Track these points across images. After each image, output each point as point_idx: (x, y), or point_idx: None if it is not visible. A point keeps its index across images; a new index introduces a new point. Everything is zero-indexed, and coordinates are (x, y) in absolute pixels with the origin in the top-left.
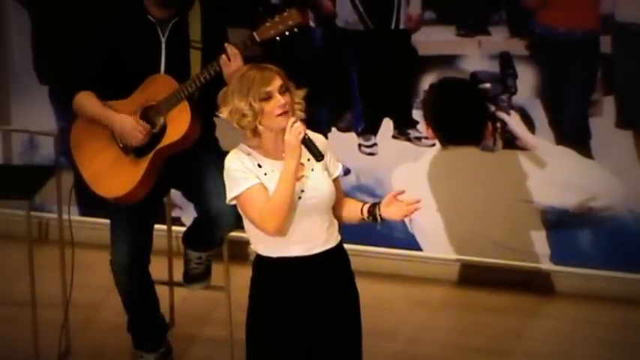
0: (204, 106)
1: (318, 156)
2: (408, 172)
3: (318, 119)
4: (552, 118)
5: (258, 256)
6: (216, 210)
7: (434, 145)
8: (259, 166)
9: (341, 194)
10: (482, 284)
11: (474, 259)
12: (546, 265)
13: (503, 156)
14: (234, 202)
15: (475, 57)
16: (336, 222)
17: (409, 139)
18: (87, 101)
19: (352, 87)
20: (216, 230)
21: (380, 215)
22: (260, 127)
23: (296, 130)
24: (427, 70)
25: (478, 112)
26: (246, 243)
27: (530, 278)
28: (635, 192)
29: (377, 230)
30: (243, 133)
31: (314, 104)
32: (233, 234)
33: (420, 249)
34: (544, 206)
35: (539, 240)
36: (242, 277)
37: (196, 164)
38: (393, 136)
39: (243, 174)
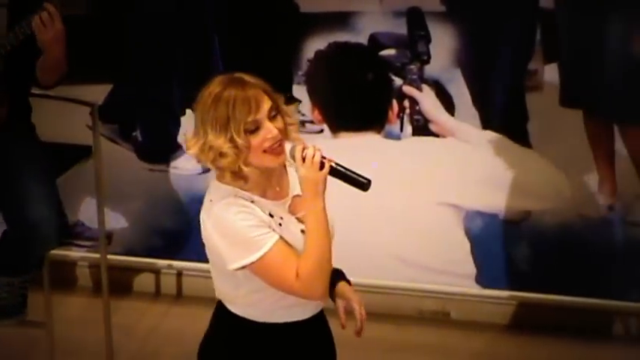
0: (12, 82)
1: (366, 184)
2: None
3: (170, 102)
4: (477, 94)
5: (237, 317)
6: (32, 220)
7: (322, 131)
8: (271, 215)
9: None
10: (398, 319)
11: (379, 283)
12: (474, 289)
13: (413, 145)
14: (242, 267)
15: (375, 14)
16: None
17: None
18: None
19: (214, 57)
20: (32, 248)
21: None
22: (245, 169)
23: (316, 160)
24: (312, 33)
25: (379, 87)
26: (72, 264)
27: (451, 305)
28: (585, 190)
29: None
30: (219, 173)
31: (163, 82)
32: (56, 252)
33: None
34: (467, 211)
35: (463, 256)
36: (68, 308)
37: (4, 160)
38: None
39: (261, 229)
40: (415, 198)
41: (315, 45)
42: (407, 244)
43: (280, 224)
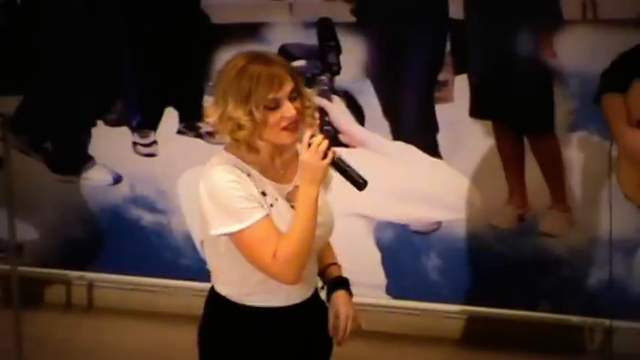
0: None
1: (362, 184)
2: (198, 178)
3: (81, 113)
4: (387, 105)
5: (221, 298)
6: None
7: None
8: (263, 194)
9: None
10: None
11: None
12: (385, 299)
13: None
14: (224, 235)
15: (285, 25)
16: None
17: (200, 135)
18: None
19: (124, 67)
20: None
21: (328, 298)
22: (260, 143)
23: (321, 148)
24: (223, 44)
25: None
26: None
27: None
28: (496, 201)
29: None
30: (236, 145)
31: (74, 93)
32: None
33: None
34: (378, 222)
35: (374, 267)
36: None
37: None
38: (179, 131)
39: (249, 202)
40: None
41: (226, 56)
42: None
43: (272, 205)
